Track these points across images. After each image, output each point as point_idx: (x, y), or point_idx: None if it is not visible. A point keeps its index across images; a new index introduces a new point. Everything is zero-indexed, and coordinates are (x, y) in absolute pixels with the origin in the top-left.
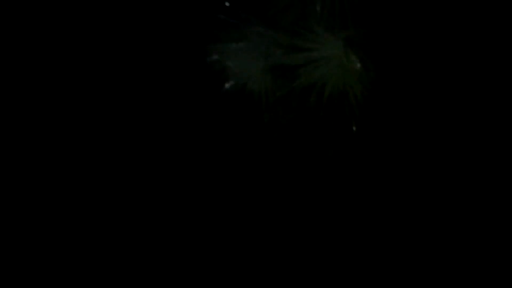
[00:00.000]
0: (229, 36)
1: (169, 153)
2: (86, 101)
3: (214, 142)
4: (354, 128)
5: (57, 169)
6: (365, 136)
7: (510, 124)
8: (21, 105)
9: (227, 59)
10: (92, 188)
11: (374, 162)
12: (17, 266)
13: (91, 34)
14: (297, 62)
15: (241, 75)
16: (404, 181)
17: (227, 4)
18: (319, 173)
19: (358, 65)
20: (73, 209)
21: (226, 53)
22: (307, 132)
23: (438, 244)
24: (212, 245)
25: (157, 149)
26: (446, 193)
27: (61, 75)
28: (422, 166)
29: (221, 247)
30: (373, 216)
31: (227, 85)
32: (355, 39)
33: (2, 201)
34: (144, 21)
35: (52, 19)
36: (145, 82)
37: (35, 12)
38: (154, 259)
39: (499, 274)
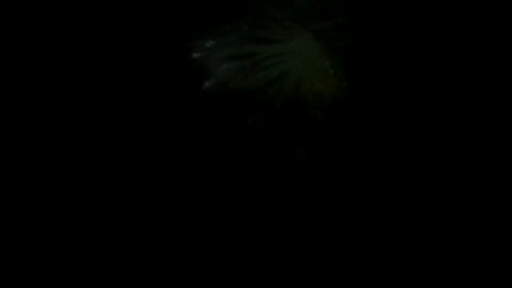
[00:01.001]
0: (208, 33)
1: (146, 153)
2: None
3: (193, 142)
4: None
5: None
6: (330, 137)
7: (491, 124)
8: (9, 107)
9: (206, 58)
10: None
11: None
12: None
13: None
14: (264, 55)
15: (220, 74)
16: (370, 184)
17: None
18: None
19: (326, 63)
20: (62, 211)
21: (205, 51)
22: (275, 133)
23: (428, 244)
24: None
25: (134, 149)
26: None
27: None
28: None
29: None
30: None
31: (206, 85)
32: (324, 33)
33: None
34: (122, 19)
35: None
36: (122, 81)
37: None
38: (143, 262)
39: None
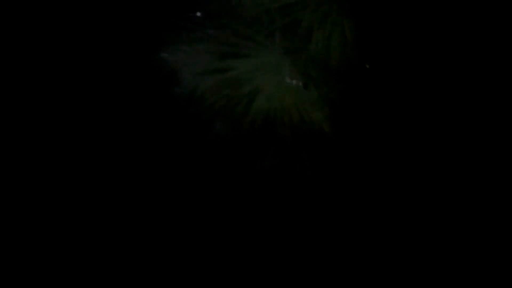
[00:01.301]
0: (181, 38)
1: (115, 154)
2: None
3: (161, 145)
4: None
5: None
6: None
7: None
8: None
9: (177, 61)
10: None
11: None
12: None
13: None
14: (235, 71)
15: (192, 79)
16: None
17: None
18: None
19: (294, 80)
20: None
21: (177, 55)
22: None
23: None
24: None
25: (104, 152)
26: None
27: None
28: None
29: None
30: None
31: (177, 89)
32: (295, 49)
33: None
34: (95, 22)
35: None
36: (93, 84)
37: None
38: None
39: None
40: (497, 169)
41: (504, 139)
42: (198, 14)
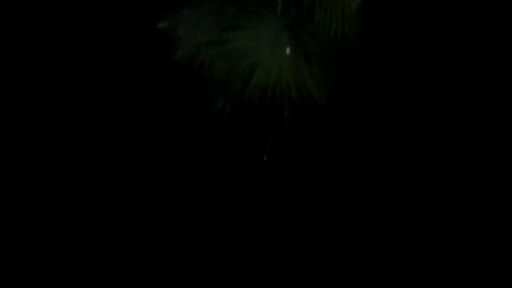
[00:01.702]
0: (181, 8)
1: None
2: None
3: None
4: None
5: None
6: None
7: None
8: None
9: (178, 27)
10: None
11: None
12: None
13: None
14: (235, 44)
15: (191, 46)
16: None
17: None
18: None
19: (294, 54)
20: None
21: (177, 20)
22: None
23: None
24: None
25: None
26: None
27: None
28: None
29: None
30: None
31: (176, 59)
32: (295, 21)
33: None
34: None
35: None
36: (94, 52)
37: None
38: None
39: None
40: (495, 164)
41: (503, 135)
42: None
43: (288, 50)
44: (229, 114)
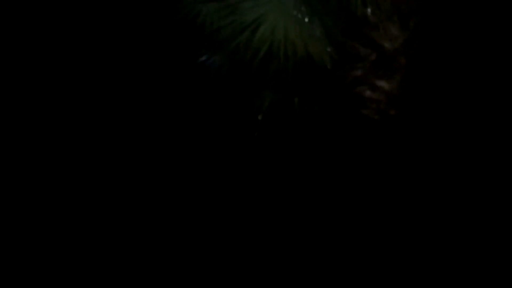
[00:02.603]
0: None
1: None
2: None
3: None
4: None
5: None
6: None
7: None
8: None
9: None
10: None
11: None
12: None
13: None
14: None
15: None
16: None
17: None
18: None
19: (301, 10)
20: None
21: None
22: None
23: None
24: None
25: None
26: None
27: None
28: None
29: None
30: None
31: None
32: None
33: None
34: None
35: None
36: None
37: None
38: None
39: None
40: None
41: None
42: None
43: (294, 8)
44: (226, 73)
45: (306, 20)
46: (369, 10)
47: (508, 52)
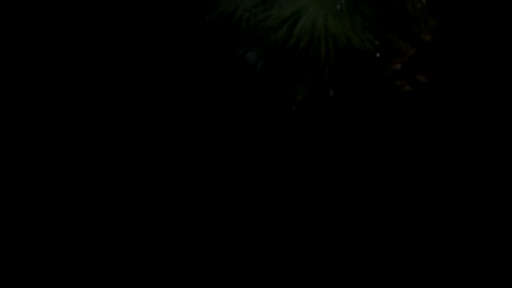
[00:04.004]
0: None
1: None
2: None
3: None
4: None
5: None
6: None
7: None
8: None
9: None
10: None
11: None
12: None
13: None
14: None
15: (229, 3)
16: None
17: None
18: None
19: (338, 3)
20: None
21: None
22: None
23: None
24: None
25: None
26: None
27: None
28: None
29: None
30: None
31: (215, 11)
32: None
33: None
34: None
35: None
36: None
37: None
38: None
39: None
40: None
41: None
42: None
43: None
44: (263, 67)
45: (346, 12)
46: (409, 2)
47: None
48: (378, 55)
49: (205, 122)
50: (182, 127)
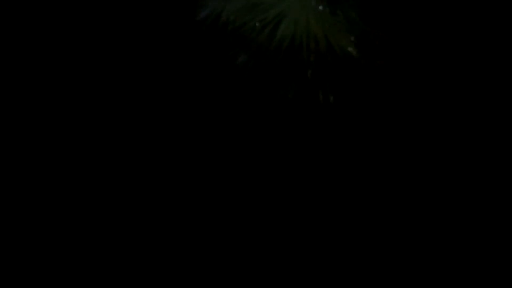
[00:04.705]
0: None
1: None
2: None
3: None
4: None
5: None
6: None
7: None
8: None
9: None
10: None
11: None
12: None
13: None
14: None
15: (217, 2)
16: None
17: None
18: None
19: (320, 5)
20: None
21: None
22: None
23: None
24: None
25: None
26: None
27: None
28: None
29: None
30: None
31: (202, 13)
32: None
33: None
34: None
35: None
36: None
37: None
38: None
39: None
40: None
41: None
42: None
43: (315, 1)
44: (252, 68)
45: (328, 12)
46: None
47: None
48: (359, 55)
49: (197, 122)
50: (174, 126)
